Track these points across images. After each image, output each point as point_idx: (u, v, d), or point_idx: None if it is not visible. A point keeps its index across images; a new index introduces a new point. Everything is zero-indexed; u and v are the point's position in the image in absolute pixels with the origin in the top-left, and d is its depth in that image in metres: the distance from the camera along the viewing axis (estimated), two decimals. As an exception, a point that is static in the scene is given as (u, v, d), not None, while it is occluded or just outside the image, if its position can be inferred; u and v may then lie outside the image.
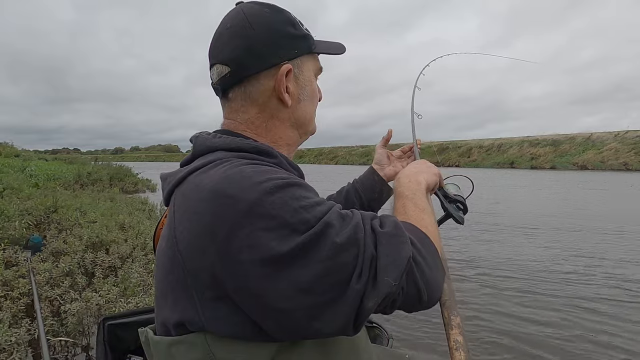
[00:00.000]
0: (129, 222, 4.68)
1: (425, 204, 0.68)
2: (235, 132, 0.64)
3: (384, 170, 0.98)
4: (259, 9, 0.63)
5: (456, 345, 0.62)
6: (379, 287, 0.47)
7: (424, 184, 0.73)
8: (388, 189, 0.97)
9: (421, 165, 0.81)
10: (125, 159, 57.82)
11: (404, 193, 0.70)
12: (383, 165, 0.99)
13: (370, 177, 0.98)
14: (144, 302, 2.45)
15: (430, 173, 0.78)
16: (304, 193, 0.50)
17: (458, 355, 0.60)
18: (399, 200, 0.69)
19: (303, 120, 0.67)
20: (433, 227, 0.63)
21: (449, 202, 0.81)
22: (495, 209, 8.82)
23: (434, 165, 0.83)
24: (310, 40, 0.66)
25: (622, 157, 31.22)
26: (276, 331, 0.49)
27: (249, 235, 0.45)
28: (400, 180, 0.74)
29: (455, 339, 0.63)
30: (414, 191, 0.70)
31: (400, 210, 0.66)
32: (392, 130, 1.00)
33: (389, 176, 0.98)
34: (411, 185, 0.71)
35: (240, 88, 0.63)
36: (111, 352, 0.87)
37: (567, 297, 3.46)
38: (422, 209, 0.66)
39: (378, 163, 0.99)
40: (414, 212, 0.64)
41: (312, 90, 0.67)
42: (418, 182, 0.73)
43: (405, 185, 0.71)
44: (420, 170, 0.78)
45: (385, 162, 0.99)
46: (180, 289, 0.51)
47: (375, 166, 0.99)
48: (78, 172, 12.11)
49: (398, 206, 0.68)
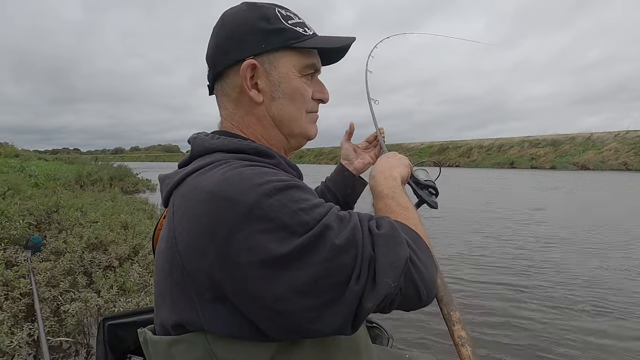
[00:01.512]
0: (130, 221, 4.68)
1: (407, 201, 0.69)
2: (232, 133, 0.64)
3: (352, 164, 0.97)
4: (238, 8, 0.64)
5: (461, 341, 0.62)
6: (378, 288, 0.47)
7: (399, 178, 0.74)
8: (360, 182, 0.97)
9: (392, 159, 0.81)
10: (126, 159, 57.82)
11: (383, 192, 0.70)
12: (351, 160, 0.98)
13: (340, 173, 0.97)
14: (144, 301, 2.45)
15: (402, 165, 0.79)
16: (303, 195, 0.50)
17: (465, 351, 0.60)
18: (381, 201, 0.69)
19: (281, 119, 0.64)
20: (420, 225, 0.63)
21: (421, 189, 0.83)
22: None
23: (403, 156, 0.84)
24: (287, 34, 0.61)
25: (622, 157, 31.18)
26: (275, 332, 0.49)
27: (248, 238, 0.45)
28: (377, 178, 0.74)
29: (459, 334, 0.63)
30: (393, 188, 0.70)
31: (385, 211, 0.66)
32: (353, 124, 0.99)
33: (359, 169, 0.97)
34: (389, 182, 0.72)
35: (218, 84, 0.66)
36: (111, 352, 0.87)
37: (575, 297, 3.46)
38: (406, 207, 0.66)
39: (346, 158, 0.98)
40: (400, 211, 0.65)
41: (291, 88, 0.63)
42: (394, 178, 0.73)
43: (383, 184, 0.72)
44: (393, 164, 0.78)
45: (352, 156, 0.98)
46: (179, 290, 0.51)
47: (343, 161, 0.98)
48: (78, 172, 12.11)
49: (381, 206, 0.68)
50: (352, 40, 0.67)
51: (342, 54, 0.71)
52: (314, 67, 0.66)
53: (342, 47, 0.67)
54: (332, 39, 0.66)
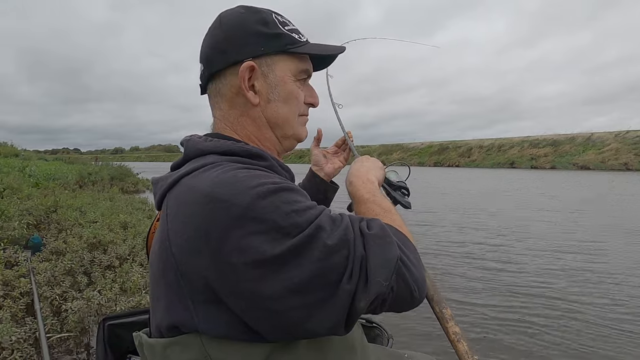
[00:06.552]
0: (129, 221, 4.69)
1: (388, 203, 0.70)
2: (225, 135, 0.64)
3: (323, 169, 0.97)
4: (236, 10, 0.64)
5: (456, 337, 0.63)
6: (370, 287, 0.48)
7: (376, 181, 0.75)
8: (331, 187, 0.97)
9: (366, 162, 0.82)
10: (126, 159, 57.92)
11: (364, 196, 0.70)
12: (321, 165, 0.97)
13: (311, 180, 0.97)
14: (145, 300, 2.46)
15: (376, 168, 0.81)
16: (296, 197, 0.51)
17: (461, 346, 0.62)
18: (363, 205, 0.69)
19: (275, 121, 0.66)
20: (405, 226, 0.64)
21: (394, 190, 0.84)
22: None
23: (376, 159, 0.85)
24: (285, 39, 0.63)
25: (622, 158, 31.20)
26: (269, 332, 0.50)
27: (242, 239, 0.46)
28: (354, 183, 0.74)
29: (453, 331, 0.64)
30: (372, 192, 0.71)
31: (368, 215, 0.66)
32: (321, 130, 0.98)
33: (329, 173, 0.97)
34: (367, 186, 0.73)
35: (212, 84, 0.66)
36: (111, 352, 0.88)
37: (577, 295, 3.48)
38: (389, 210, 0.67)
39: (316, 164, 0.98)
40: (383, 214, 0.65)
41: (286, 91, 0.65)
42: (372, 182, 0.74)
43: (362, 188, 0.72)
44: (368, 168, 0.79)
45: (322, 161, 0.98)
46: (173, 292, 0.52)
47: (314, 168, 0.98)
48: (79, 172, 12.13)
49: (364, 211, 0.68)
50: (343, 49, 0.71)
51: (329, 62, 0.75)
52: (308, 73, 0.69)
53: (333, 56, 0.71)
54: (326, 47, 0.69)
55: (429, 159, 47.68)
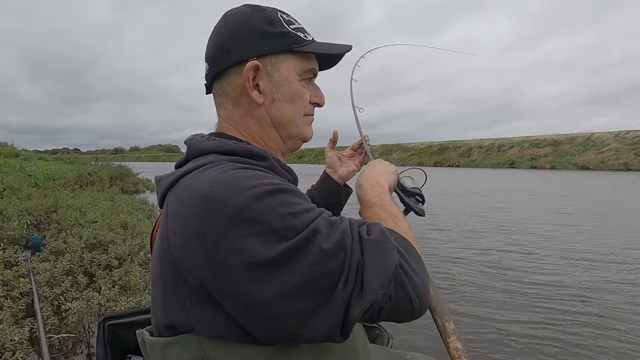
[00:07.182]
0: (129, 221, 4.68)
1: (396, 209, 0.68)
2: (228, 135, 0.64)
3: (337, 172, 0.96)
4: (241, 9, 0.64)
5: (457, 352, 0.61)
6: (365, 295, 0.47)
7: (386, 185, 0.73)
8: (345, 191, 0.96)
9: (379, 166, 0.80)
10: (126, 159, 57.93)
11: (371, 200, 0.68)
12: (336, 168, 0.97)
13: (325, 182, 0.96)
14: (145, 300, 2.45)
15: (388, 172, 0.78)
16: (293, 199, 0.50)
17: None
18: (369, 209, 0.67)
19: (280, 121, 0.65)
20: (411, 232, 0.62)
21: (407, 197, 0.82)
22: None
23: (389, 163, 0.83)
24: (290, 38, 0.62)
25: (622, 158, 31.17)
26: (263, 335, 0.49)
27: (236, 241, 0.45)
28: (363, 186, 0.73)
29: (454, 346, 0.62)
30: (380, 196, 0.69)
31: (373, 219, 0.65)
32: (337, 132, 0.97)
33: (344, 177, 0.96)
34: (376, 190, 0.71)
35: (217, 84, 0.66)
36: (111, 352, 0.87)
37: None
38: (395, 215, 0.65)
39: (330, 166, 0.97)
40: (389, 219, 0.63)
41: (291, 91, 0.64)
42: (381, 186, 0.72)
43: (370, 192, 0.70)
44: (379, 171, 0.77)
45: (337, 164, 0.97)
46: (170, 291, 0.52)
47: (328, 170, 0.97)
48: (79, 172, 12.12)
49: (370, 215, 0.66)
50: (349, 48, 0.69)
51: (336, 61, 0.73)
52: (313, 72, 0.67)
53: (340, 55, 0.69)
54: (333, 46, 0.67)
55: (428, 159, 47.60)
